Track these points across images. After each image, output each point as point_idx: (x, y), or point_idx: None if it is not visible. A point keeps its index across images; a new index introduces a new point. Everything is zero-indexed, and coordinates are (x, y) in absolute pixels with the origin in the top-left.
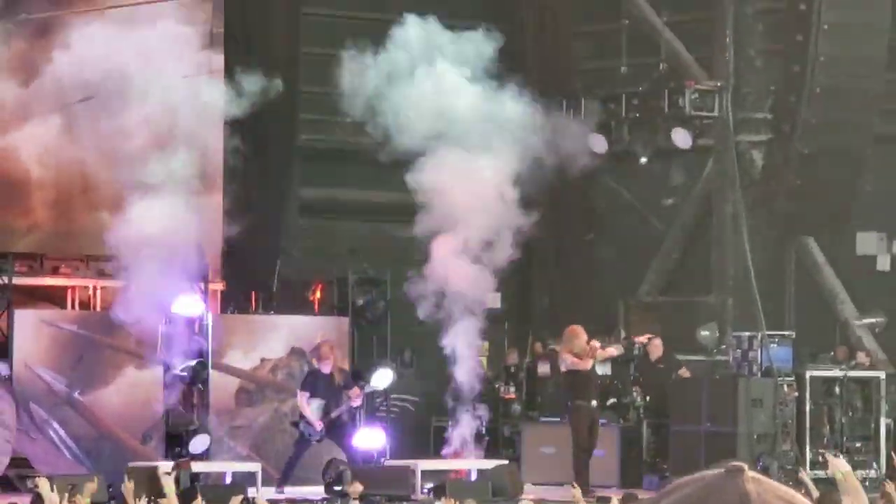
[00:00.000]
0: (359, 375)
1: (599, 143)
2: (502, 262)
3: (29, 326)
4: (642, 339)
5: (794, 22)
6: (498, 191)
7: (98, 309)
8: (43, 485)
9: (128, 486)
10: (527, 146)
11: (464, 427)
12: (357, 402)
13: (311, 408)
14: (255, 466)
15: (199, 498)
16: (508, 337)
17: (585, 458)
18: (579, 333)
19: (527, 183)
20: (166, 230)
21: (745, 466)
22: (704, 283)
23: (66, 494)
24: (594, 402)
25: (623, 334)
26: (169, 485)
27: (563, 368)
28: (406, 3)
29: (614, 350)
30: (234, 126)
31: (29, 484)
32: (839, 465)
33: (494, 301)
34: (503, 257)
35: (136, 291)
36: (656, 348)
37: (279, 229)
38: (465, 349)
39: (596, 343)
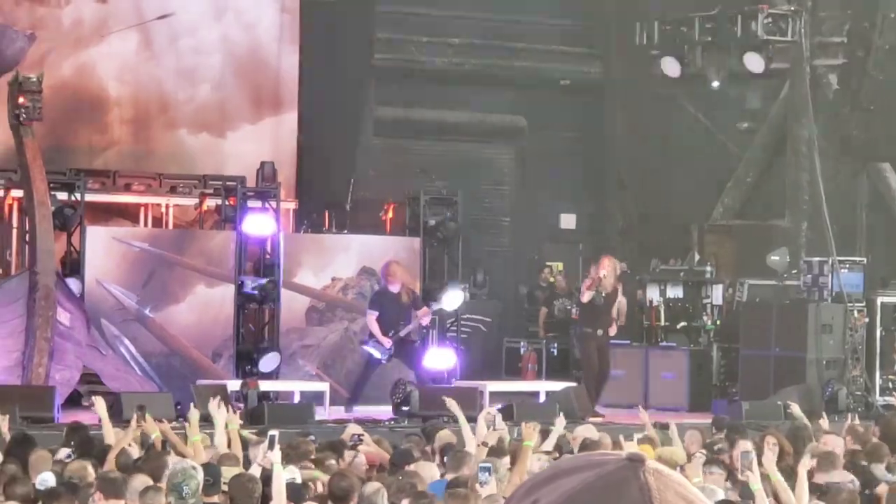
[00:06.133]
0: (429, 296)
1: (672, 67)
2: None
3: (100, 243)
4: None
5: None
6: None
7: (170, 227)
8: (99, 404)
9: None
10: None
11: None
12: (426, 322)
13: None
14: (323, 386)
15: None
16: (583, 258)
17: (590, 384)
18: (601, 262)
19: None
20: None
21: (646, 456)
22: (779, 207)
23: (134, 413)
24: (600, 331)
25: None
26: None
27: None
28: None
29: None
30: (310, 45)
31: (85, 402)
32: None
33: (569, 222)
34: None
35: None
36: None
37: (353, 149)
38: None
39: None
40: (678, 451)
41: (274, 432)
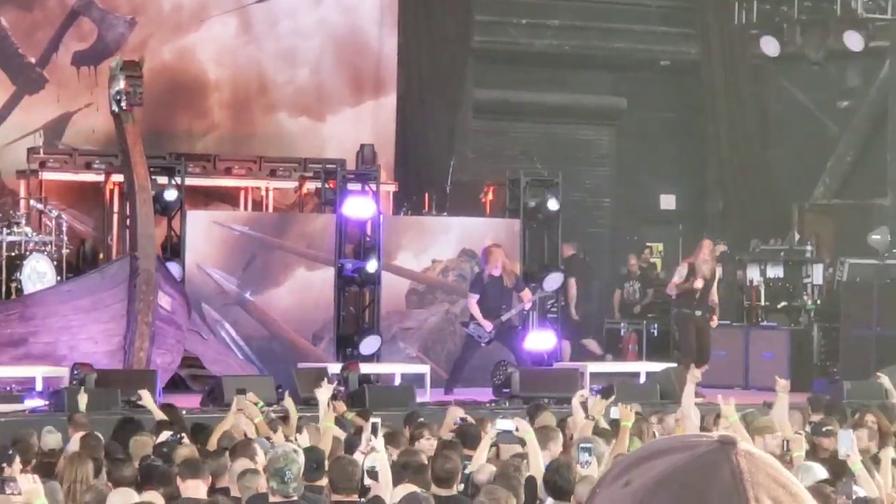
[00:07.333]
0: (530, 277)
1: (771, 45)
2: None
3: (201, 227)
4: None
5: None
6: None
7: (270, 210)
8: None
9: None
10: None
11: None
12: (528, 306)
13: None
14: (423, 368)
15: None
16: (683, 239)
17: (689, 364)
18: (702, 246)
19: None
20: None
21: (738, 439)
22: (879, 186)
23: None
24: (699, 312)
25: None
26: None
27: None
28: None
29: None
30: (409, 28)
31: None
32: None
33: (669, 203)
34: None
35: None
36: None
37: (453, 131)
38: None
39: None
40: (771, 420)
41: (376, 419)
